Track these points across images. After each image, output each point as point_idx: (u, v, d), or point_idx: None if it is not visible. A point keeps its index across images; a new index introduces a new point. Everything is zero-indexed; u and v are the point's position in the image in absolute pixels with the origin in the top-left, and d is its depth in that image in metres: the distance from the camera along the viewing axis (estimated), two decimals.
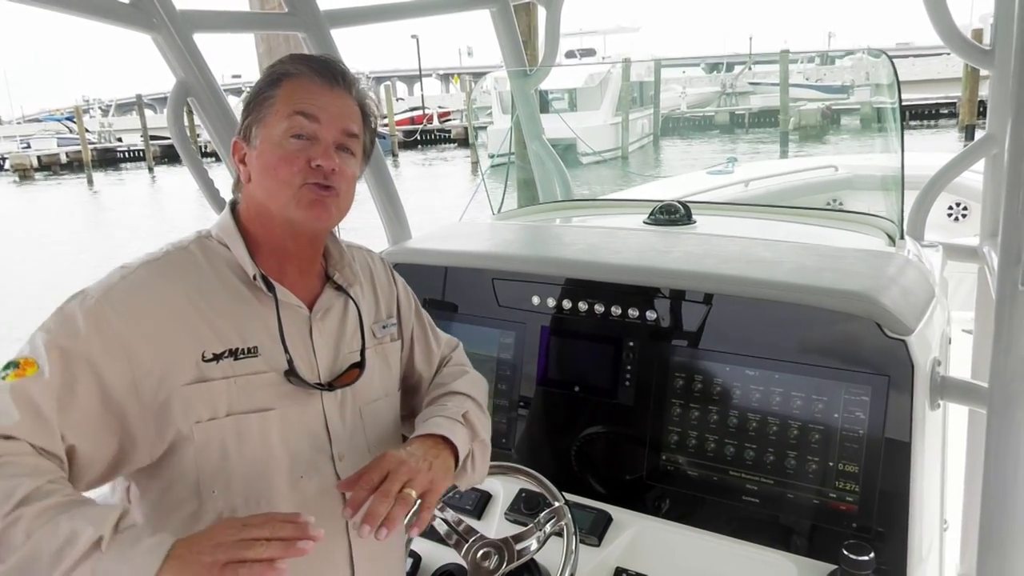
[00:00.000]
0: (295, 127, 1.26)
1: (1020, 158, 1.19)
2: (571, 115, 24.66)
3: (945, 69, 41.62)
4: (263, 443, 1.25)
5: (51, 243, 18.56)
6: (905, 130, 2.23)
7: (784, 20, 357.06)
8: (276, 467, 1.26)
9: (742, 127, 35.40)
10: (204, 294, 1.24)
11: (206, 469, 1.21)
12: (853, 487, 1.63)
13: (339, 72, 1.32)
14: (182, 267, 1.26)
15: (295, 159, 1.26)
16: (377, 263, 1.56)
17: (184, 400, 1.18)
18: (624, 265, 2.00)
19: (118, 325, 1.15)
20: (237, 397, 1.23)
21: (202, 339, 1.21)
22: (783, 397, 1.72)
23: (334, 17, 2.28)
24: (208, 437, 1.21)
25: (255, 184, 1.30)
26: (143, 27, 1.88)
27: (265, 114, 1.28)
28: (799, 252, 2.03)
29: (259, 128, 1.29)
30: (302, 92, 1.28)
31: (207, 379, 1.20)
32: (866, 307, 1.62)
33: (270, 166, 1.26)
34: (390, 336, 1.50)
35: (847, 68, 34.00)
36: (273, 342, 1.27)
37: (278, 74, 1.31)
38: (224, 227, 1.32)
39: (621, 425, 1.91)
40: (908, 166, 2.15)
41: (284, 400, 1.27)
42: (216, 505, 1.22)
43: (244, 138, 1.32)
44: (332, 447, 1.34)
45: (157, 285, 1.21)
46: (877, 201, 2.57)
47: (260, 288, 1.28)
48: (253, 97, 1.31)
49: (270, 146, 1.27)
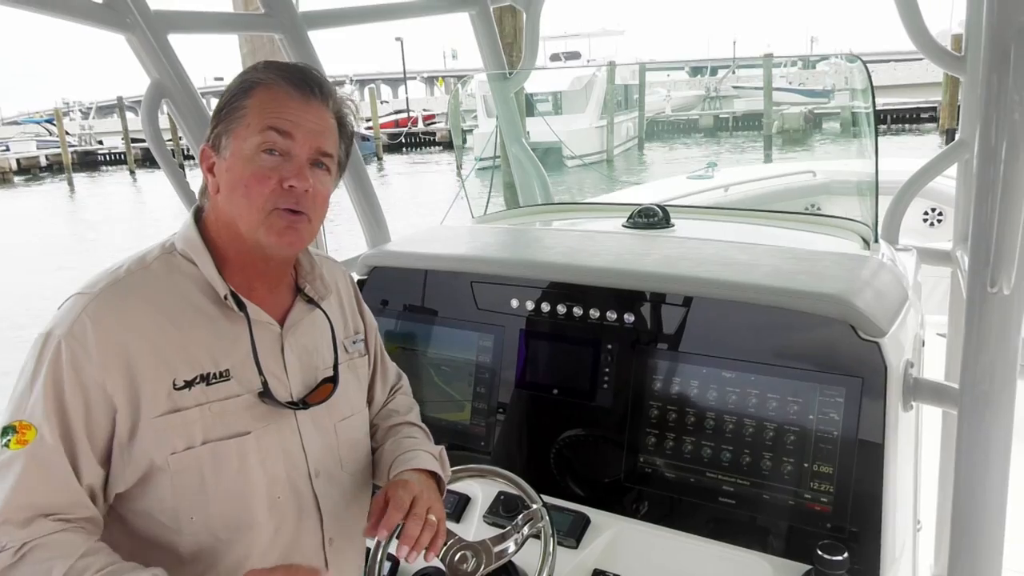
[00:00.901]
0: (267, 142, 1.20)
1: (989, 163, 1.20)
2: (557, 118, 24.75)
3: (926, 74, 42.09)
4: (241, 468, 1.23)
5: (31, 247, 18.37)
6: (888, 134, 2.26)
7: (767, 24, 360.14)
8: (254, 490, 1.25)
9: (726, 130, 35.64)
10: (170, 317, 1.20)
11: (184, 497, 1.19)
12: (827, 488, 1.65)
13: (315, 83, 1.26)
14: (145, 289, 1.21)
15: (267, 178, 1.20)
16: (342, 277, 1.53)
17: (158, 432, 1.16)
18: (602, 268, 2.01)
19: (88, 367, 1.13)
20: (212, 424, 1.20)
21: (172, 366, 1.17)
22: (759, 399, 1.73)
23: (311, 19, 2.27)
24: (185, 466, 1.18)
25: (224, 198, 1.24)
26: (117, 27, 1.86)
27: (236, 125, 1.22)
28: (775, 255, 2.04)
29: (229, 139, 1.23)
30: (275, 104, 1.22)
31: (180, 408, 1.17)
32: (840, 309, 1.63)
33: (240, 182, 1.21)
34: (359, 352, 1.49)
35: (827, 72, 34.32)
36: (245, 363, 1.24)
37: (250, 82, 1.24)
38: (190, 241, 1.26)
39: (599, 427, 1.91)
40: (884, 171, 2.17)
41: (259, 422, 1.25)
42: (195, 530, 1.20)
43: (213, 147, 1.25)
44: (308, 465, 1.32)
45: (120, 314, 1.16)
46: (853, 205, 2.60)
47: (230, 307, 1.24)
48: (223, 105, 1.25)
49: (241, 160, 1.21)
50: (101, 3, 1.85)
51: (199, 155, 1.28)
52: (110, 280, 1.20)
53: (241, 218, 1.22)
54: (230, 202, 1.23)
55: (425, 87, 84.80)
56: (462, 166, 5.02)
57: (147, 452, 1.16)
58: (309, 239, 1.29)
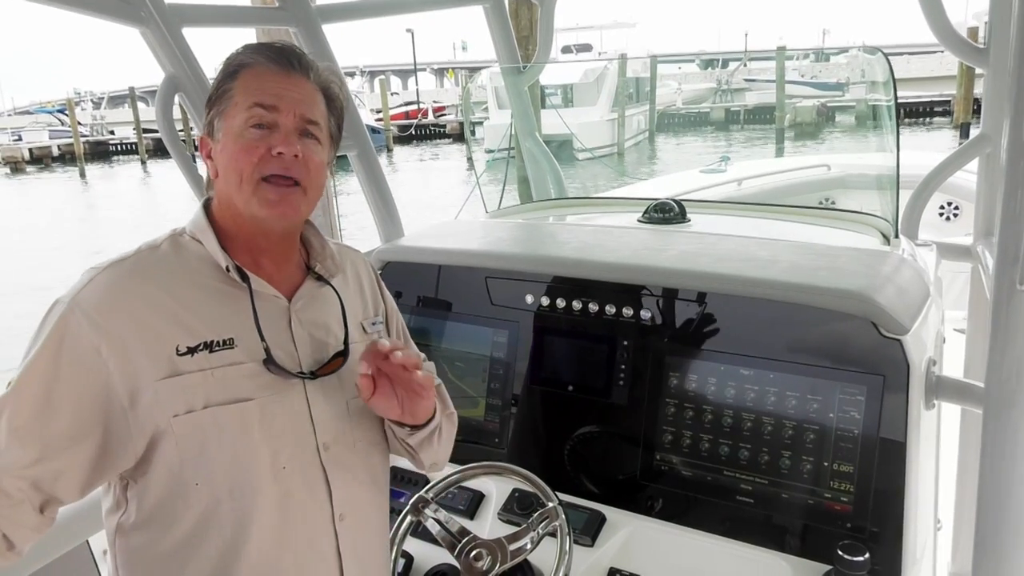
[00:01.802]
0: (253, 117, 1.25)
1: (1018, 157, 1.18)
2: (568, 111, 24.67)
3: (939, 67, 41.71)
4: (243, 434, 1.24)
5: (43, 236, 18.50)
6: (901, 128, 2.22)
7: (779, 17, 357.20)
8: (257, 457, 1.26)
9: (737, 123, 35.45)
10: (175, 291, 1.24)
11: (188, 462, 1.21)
12: (848, 487, 1.63)
13: (295, 57, 1.31)
14: (152, 265, 1.26)
15: (254, 148, 1.24)
16: (363, 265, 1.56)
17: (158, 394, 1.19)
18: (618, 264, 1.99)
19: (86, 328, 1.16)
20: (214, 389, 1.22)
21: (175, 335, 1.21)
22: (777, 396, 1.71)
23: (325, 12, 2.26)
24: (187, 430, 1.21)
25: (221, 179, 1.29)
26: (132, 21, 1.85)
27: (225, 107, 1.27)
28: (794, 251, 2.01)
29: (220, 121, 1.28)
30: (259, 81, 1.27)
31: (181, 372, 1.20)
32: (862, 306, 1.61)
33: (231, 158, 1.25)
34: (378, 333, 1.49)
35: (842, 65, 34.07)
36: (250, 333, 1.26)
37: (235, 65, 1.29)
38: (196, 223, 1.31)
39: (615, 424, 1.90)
40: (902, 165, 2.14)
41: (264, 391, 1.27)
42: (200, 497, 1.22)
43: (208, 133, 1.31)
44: (317, 436, 1.33)
45: (125, 285, 1.21)
46: (870, 200, 2.56)
47: (235, 280, 1.27)
48: (214, 91, 1.30)
49: (231, 138, 1.26)
50: None
51: (199, 145, 1.33)
52: (119, 258, 1.25)
53: (235, 194, 1.26)
54: (226, 181, 1.27)
55: (435, 79, 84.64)
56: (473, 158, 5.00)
57: (151, 416, 1.19)
58: (305, 210, 1.32)
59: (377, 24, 49.17)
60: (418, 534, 1.71)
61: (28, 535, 1.18)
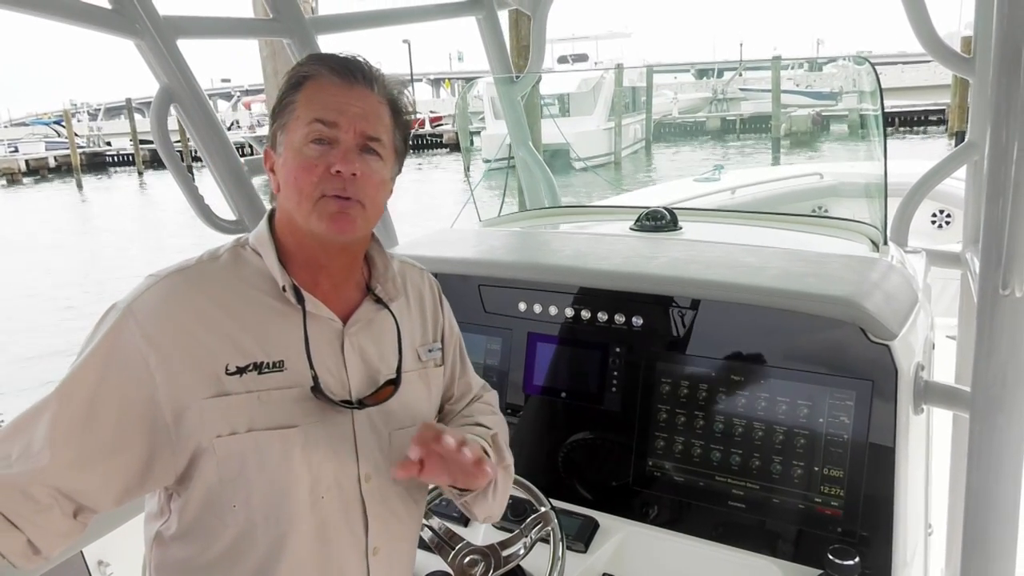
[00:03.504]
0: (314, 133, 1.21)
1: (1000, 165, 1.19)
2: (565, 120, 24.75)
3: (934, 76, 41.93)
4: (284, 461, 1.21)
5: (40, 247, 18.47)
6: (895, 136, 2.24)
7: (773, 27, 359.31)
8: (297, 485, 1.22)
9: (733, 132, 35.60)
10: (231, 306, 1.21)
11: (226, 483, 1.19)
12: (838, 492, 1.64)
13: (359, 69, 1.26)
14: (211, 277, 1.24)
15: (314, 166, 1.21)
16: (427, 285, 1.51)
17: (203, 413, 1.16)
18: (610, 271, 2.00)
19: (138, 338, 1.15)
20: (259, 413, 1.19)
21: (226, 352, 1.18)
22: (768, 402, 1.73)
23: (319, 23, 2.28)
24: (228, 452, 1.18)
25: (282, 194, 1.26)
26: (126, 33, 1.87)
27: (288, 120, 1.24)
28: (784, 257, 2.03)
29: (283, 135, 1.24)
30: (321, 95, 1.23)
31: (228, 393, 1.17)
32: (850, 312, 1.63)
33: (292, 175, 1.22)
34: (434, 361, 1.45)
35: (834, 75, 34.27)
36: (301, 356, 1.23)
37: (299, 77, 1.26)
38: (259, 236, 1.29)
39: (607, 431, 1.91)
40: (892, 173, 2.16)
41: (309, 417, 1.23)
42: (237, 519, 1.20)
43: (272, 146, 1.28)
44: (359, 467, 1.29)
45: (181, 296, 1.20)
46: (861, 208, 2.59)
47: (290, 300, 1.24)
48: (277, 103, 1.27)
49: (292, 154, 1.22)
50: (111, 9, 1.86)
51: (264, 157, 1.31)
52: (180, 267, 1.24)
53: (295, 210, 1.23)
54: (286, 196, 1.25)
55: (431, 89, 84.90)
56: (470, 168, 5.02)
57: (194, 434, 1.16)
58: (364, 226, 1.27)
59: (373, 35, 49.43)
60: None
61: (56, 541, 1.15)
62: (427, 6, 2.82)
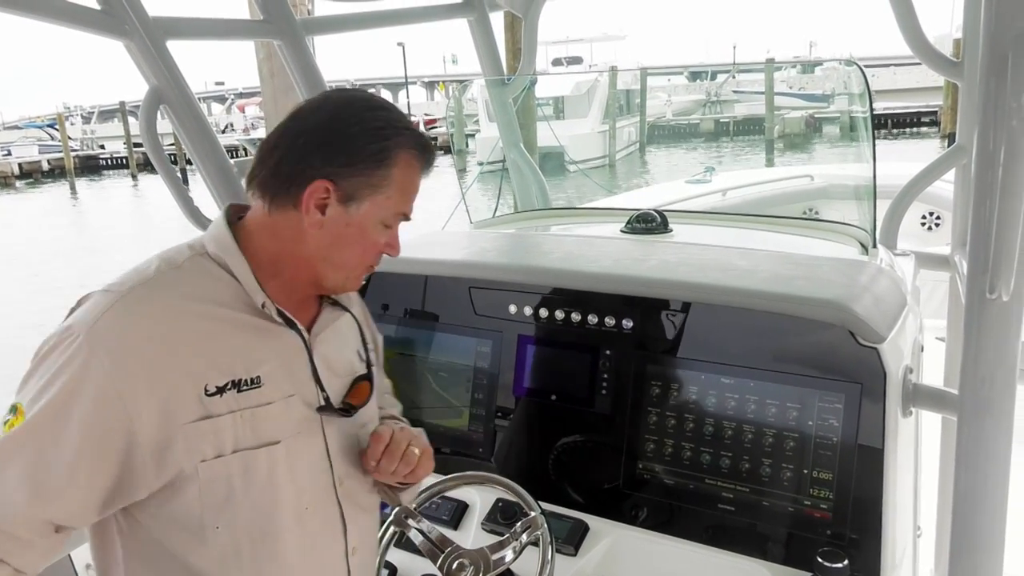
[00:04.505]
0: (394, 221, 1.26)
1: (987, 169, 1.20)
2: (560, 123, 24.78)
3: (927, 78, 42.08)
4: (270, 478, 1.20)
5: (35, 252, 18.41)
6: (889, 138, 2.25)
7: (767, 29, 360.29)
8: (283, 501, 1.22)
9: (727, 135, 35.69)
10: (201, 321, 1.16)
11: (210, 506, 1.16)
12: (827, 494, 1.64)
13: (433, 160, 1.31)
14: (175, 290, 1.16)
15: (376, 248, 1.27)
16: (355, 294, 1.52)
17: (188, 439, 1.12)
18: (600, 273, 2.00)
19: (108, 369, 1.07)
20: (243, 432, 1.17)
21: (202, 371, 1.13)
22: (758, 405, 1.73)
23: (310, 25, 2.27)
24: (213, 475, 1.15)
25: (324, 244, 1.22)
26: (115, 34, 1.86)
27: (377, 194, 1.21)
28: (774, 260, 2.03)
29: (364, 203, 1.21)
30: (411, 187, 1.26)
31: (212, 415, 1.13)
32: (839, 315, 1.63)
33: (356, 244, 1.24)
34: (376, 362, 1.48)
35: (826, 77, 34.41)
36: (277, 370, 1.21)
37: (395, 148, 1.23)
38: (224, 247, 1.22)
39: (598, 434, 1.91)
40: (883, 176, 2.16)
41: (288, 431, 1.22)
42: (219, 541, 1.17)
43: (342, 193, 1.20)
44: (333, 471, 1.30)
45: (148, 314, 1.12)
46: (851, 210, 2.59)
47: (267, 316, 1.21)
48: (365, 158, 1.21)
49: (368, 226, 1.23)
50: (99, 10, 1.85)
51: (310, 186, 1.19)
52: (138, 280, 1.15)
53: (334, 269, 1.25)
54: (331, 251, 1.23)
55: (425, 92, 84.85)
56: (465, 170, 5.02)
57: (177, 460, 1.12)
58: None
59: (368, 38, 49.26)
60: (402, 545, 1.71)
61: (42, 561, 1.13)
62: (418, 8, 2.82)
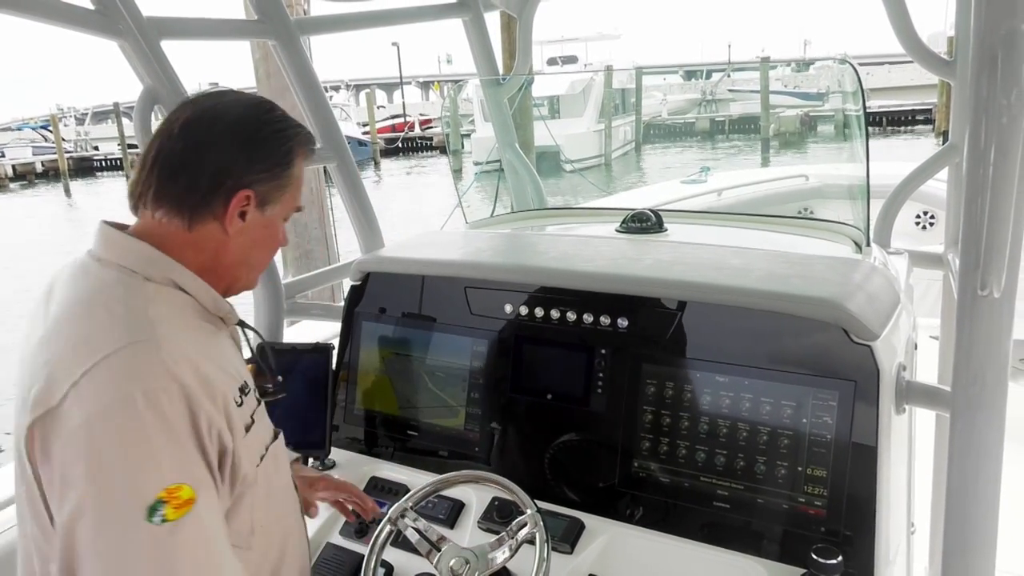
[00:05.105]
0: (290, 215, 1.32)
1: (978, 167, 1.21)
2: (555, 122, 24.78)
3: (921, 76, 42.18)
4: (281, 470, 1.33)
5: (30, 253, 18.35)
6: (883, 136, 2.26)
7: (761, 28, 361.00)
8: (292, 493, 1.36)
9: (723, 133, 35.75)
10: (201, 338, 1.19)
11: (258, 508, 1.23)
12: (821, 491, 1.65)
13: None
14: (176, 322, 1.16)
15: (278, 244, 1.33)
16: None
17: (248, 446, 1.20)
18: (595, 273, 2.01)
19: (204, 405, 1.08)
20: (263, 429, 1.28)
21: (229, 385, 1.18)
22: (752, 403, 1.73)
23: (304, 24, 2.28)
24: (262, 475, 1.24)
25: (245, 249, 1.26)
26: (109, 34, 1.86)
27: (283, 193, 1.28)
28: (768, 259, 2.04)
29: (276, 205, 1.28)
30: (302, 182, 1.33)
31: (251, 419, 1.22)
32: (832, 313, 1.64)
33: (265, 244, 1.31)
34: None
35: (820, 75, 34.46)
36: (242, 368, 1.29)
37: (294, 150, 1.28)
38: (165, 266, 1.20)
39: (593, 433, 1.91)
40: (876, 175, 2.17)
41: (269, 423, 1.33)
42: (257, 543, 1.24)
43: (260, 198, 1.24)
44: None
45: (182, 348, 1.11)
46: (845, 209, 2.60)
47: (217, 318, 1.27)
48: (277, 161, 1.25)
49: (273, 228, 1.30)
50: (93, 10, 1.85)
51: (235, 197, 1.21)
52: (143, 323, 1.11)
53: (250, 269, 1.32)
54: (250, 254, 1.29)
55: (420, 92, 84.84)
56: (460, 170, 5.02)
57: (243, 469, 1.17)
58: None
59: (362, 38, 49.17)
60: (398, 544, 1.71)
61: None
62: (413, 8, 2.83)
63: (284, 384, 1.46)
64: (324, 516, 1.99)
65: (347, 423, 2.21)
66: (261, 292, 2.25)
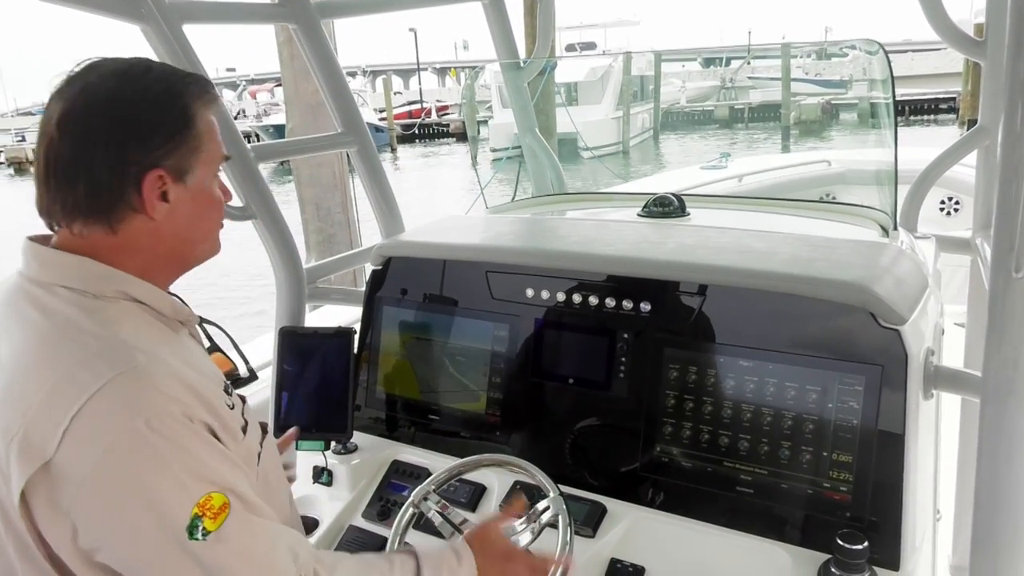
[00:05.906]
0: (218, 168, 1.21)
1: (1014, 147, 1.18)
2: (573, 109, 24.66)
3: (942, 64, 41.58)
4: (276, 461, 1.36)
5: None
6: (906, 125, 2.23)
7: (781, 14, 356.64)
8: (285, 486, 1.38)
9: (742, 121, 35.40)
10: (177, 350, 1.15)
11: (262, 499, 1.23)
12: (847, 477, 1.63)
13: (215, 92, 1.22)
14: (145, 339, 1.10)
15: (220, 202, 1.22)
16: None
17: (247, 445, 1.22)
18: (618, 257, 2.00)
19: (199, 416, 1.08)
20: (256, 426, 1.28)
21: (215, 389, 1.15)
22: (777, 387, 1.72)
23: (325, 8, 2.27)
24: (262, 468, 1.26)
25: (177, 228, 1.15)
26: (131, 18, 1.86)
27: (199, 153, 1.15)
28: (792, 243, 2.02)
29: (196, 169, 1.15)
30: (216, 130, 1.18)
31: (244, 419, 1.22)
32: (860, 296, 1.62)
33: (203, 212, 1.18)
34: None
35: (844, 63, 33.99)
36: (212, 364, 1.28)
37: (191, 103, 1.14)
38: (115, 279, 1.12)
39: (615, 417, 1.91)
40: (901, 160, 2.14)
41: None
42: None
43: (173, 172, 1.12)
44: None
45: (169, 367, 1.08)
46: (870, 194, 2.56)
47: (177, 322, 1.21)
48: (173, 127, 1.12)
49: (205, 192, 1.18)
50: None
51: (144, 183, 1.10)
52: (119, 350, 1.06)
53: (199, 242, 1.22)
54: (190, 230, 1.18)
55: (437, 78, 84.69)
56: (477, 157, 5.01)
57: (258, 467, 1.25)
58: None
59: (379, 24, 49.25)
60: (420, 526, 1.72)
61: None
62: None
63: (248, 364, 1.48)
64: (346, 498, 2.00)
65: (369, 407, 2.22)
66: (283, 277, 2.25)
